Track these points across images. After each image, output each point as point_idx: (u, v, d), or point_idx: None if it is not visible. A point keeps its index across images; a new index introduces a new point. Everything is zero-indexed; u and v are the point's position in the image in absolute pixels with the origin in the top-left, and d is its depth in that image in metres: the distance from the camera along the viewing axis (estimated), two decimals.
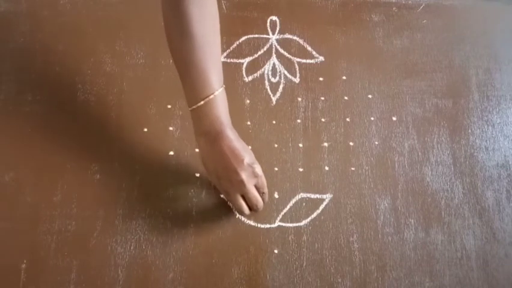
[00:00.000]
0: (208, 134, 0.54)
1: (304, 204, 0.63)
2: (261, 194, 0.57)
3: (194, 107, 0.54)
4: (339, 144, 0.67)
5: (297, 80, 0.71)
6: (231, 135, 0.54)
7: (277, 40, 0.73)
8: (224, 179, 0.55)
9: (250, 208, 0.57)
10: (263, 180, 0.57)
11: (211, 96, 0.53)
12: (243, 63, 0.70)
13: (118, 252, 0.59)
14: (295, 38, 0.73)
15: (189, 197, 0.63)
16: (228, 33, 0.72)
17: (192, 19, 0.51)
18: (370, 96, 0.70)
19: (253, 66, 0.70)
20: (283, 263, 0.60)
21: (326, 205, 0.64)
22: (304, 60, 0.72)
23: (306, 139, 0.67)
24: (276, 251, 0.61)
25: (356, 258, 0.61)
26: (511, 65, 0.74)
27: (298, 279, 0.60)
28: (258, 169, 0.55)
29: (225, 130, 0.54)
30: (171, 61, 0.70)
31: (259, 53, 0.72)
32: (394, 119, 0.69)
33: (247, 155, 0.54)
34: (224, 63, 0.70)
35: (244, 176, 0.54)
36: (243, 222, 0.62)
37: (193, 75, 0.53)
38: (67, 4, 0.72)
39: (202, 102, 0.53)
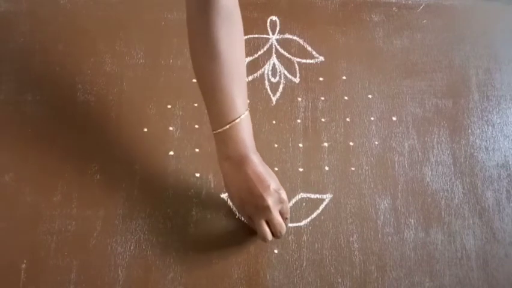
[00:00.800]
0: (232, 158, 0.54)
1: (304, 204, 0.63)
2: (284, 219, 0.56)
3: (219, 130, 0.53)
4: (339, 144, 0.67)
5: (297, 80, 0.71)
6: (256, 160, 0.54)
7: (277, 40, 0.73)
8: (249, 204, 0.54)
9: (272, 234, 0.56)
10: (287, 207, 0.56)
11: (237, 120, 0.52)
12: None
13: (118, 252, 0.59)
14: (295, 38, 0.73)
15: (189, 197, 0.63)
16: None
17: (222, 43, 0.51)
18: (370, 96, 0.70)
19: (253, 66, 0.70)
20: (283, 263, 0.60)
21: (326, 205, 0.64)
22: (304, 60, 0.72)
23: (306, 139, 0.67)
24: (276, 251, 0.61)
25: (356, 258, 0.61)
26: (511, 65, 0.74)
27: (298, 279, 0.60)
28: (284, 195, 0.54)
29: (250, 154, 0.53)
30: (171, 61, 0.70)
31: (259, 53, 0.72)
32: (394, 119, 0.69)
33: (272, 181, 0.54)
34: None
35: (270, 201, 0.53)
36: (243, 222, 0.62)
37: (218, 99, 0.52)
38: (67, 4, 0.72)
39: (227, 126, 0.52)
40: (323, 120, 0.68)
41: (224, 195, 0.63)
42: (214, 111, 0.54)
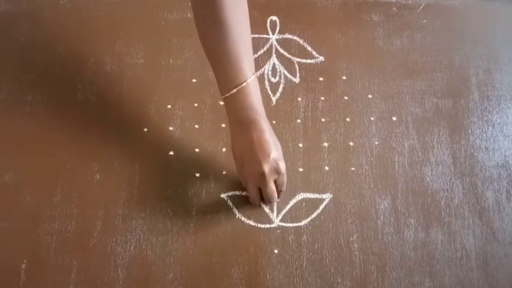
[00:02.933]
0: (241, 122, 0.54)
1: (304, 204, 0.63)
2: (279, 191, 0.58)
3: (227, 94, 0.54)
4: (339, 144, 0.67)
5: (297, 80, 0.71)
6: (264, 126, 0.54)
7: (277, 40, 0.73)
8: (247, 167, 0.55)
9: (263, 199, 0.58)
10: (284, 179, 0.57)
11: (244, 84, 0.53)
12: None
13: (118, 252, 0.59)
14: (295, 38, 0.73)
15: (189, 197, 0.63)
16: None
17: (226, 7, 0.51)
18: (370, 96, 0.70)
19: None
20: (283, 263, 0.60)
21: (326, 205, 0.64)
22: (304, 60, 0.72)
23: (306, 139, 0.67)
24: (276, 251, 0.61)
25: (356, 258, 0.61)
26: (511, 65, 0.74)
27: (298, 279, 0.60)
28: (282, 166, 0.55)
29: (259, 119, 0.54)
30: (171, 61, 0.70)
31: (259, 53, 0.72)
32: (394, 119, 0.69)
33: (274, 150, 0.54)
34: None
35: (266, 169, 0.54)
36: (243, 222, 0.62)
37: (225, 63, 0.53)
38: (67, 4, 0.72)
39: (234, 90, 0.53)
40: (322, 120, 0.68)
41: (224, 195, 0.63)
42: (221, 76, 0.54)
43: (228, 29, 0.52)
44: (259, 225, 0.62)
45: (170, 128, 0.66)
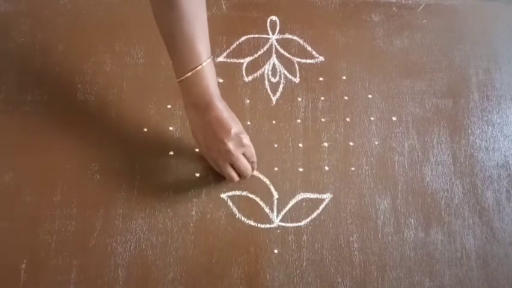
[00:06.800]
0: (197, 106, 0.55)
1: (304, 204, 0.63)
2: (250, 163, 0.58)
3: (182, 78, 0.54)
4: (339, 144, 0.67)
5: (297, 80, 0.71)
6: (220, 106, 0.55)
7: (277, 40, 0.73)
8: (213, 149, 0.56)
9: (239, 175, 0.58)
10: (251, 150, 0.58)
11: (199, 67, 0.53)
12: (243, 63, 0.70)
13: (118, 252, 0.59)
14: (295, 38, 0.73)
15: (189, 197, 0.63)
16: (228, 33, 0.72)
17: None
18: (370, 96, 0.70)
19: (253, 66, 0.70)
20: (283, 263, 0.60)
21: (325, 205, 0.64)
22: (304, 60, 0.72)
23: (306, 139, 0.67)
24: (276, 251, 0.61)
25: (356, 258, 0.61)
26: (511, 65, 0.74)
27: (298, 279, 0.60)
28: (246, 139, 0.56)
29: (214, 101, 0.54)
30: (171, 61, 0.70)
31: (259, 53, 0.72)
32: (394, 119, 0.69)
33: (234, 125, 0.55)
34: (224, 63, 0.70)
35: (231, 145, 0.54)
36: (243, 222, 0.62)
37: (180, 46, 0.53)
38: (67, 4, 0.72)
39: (190, 73, 0.53)
40: (322, 120, 0.68)
41: (224, 195, 0.63)
42: (176, 59, 0.54)
43: (183, 13, 0.51)
44: (259, 225, 0.62)
45: (170, 128, 0.66)
